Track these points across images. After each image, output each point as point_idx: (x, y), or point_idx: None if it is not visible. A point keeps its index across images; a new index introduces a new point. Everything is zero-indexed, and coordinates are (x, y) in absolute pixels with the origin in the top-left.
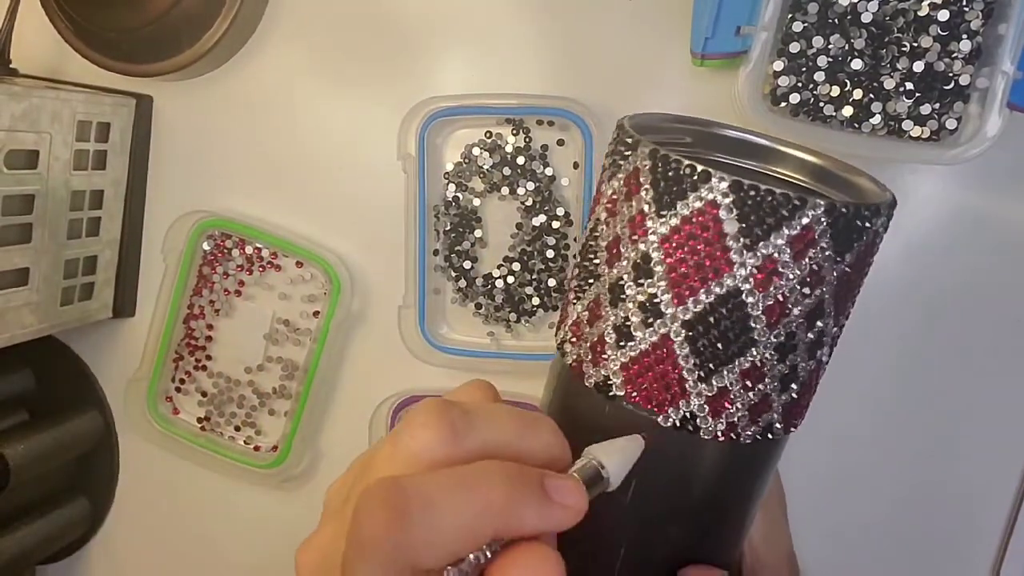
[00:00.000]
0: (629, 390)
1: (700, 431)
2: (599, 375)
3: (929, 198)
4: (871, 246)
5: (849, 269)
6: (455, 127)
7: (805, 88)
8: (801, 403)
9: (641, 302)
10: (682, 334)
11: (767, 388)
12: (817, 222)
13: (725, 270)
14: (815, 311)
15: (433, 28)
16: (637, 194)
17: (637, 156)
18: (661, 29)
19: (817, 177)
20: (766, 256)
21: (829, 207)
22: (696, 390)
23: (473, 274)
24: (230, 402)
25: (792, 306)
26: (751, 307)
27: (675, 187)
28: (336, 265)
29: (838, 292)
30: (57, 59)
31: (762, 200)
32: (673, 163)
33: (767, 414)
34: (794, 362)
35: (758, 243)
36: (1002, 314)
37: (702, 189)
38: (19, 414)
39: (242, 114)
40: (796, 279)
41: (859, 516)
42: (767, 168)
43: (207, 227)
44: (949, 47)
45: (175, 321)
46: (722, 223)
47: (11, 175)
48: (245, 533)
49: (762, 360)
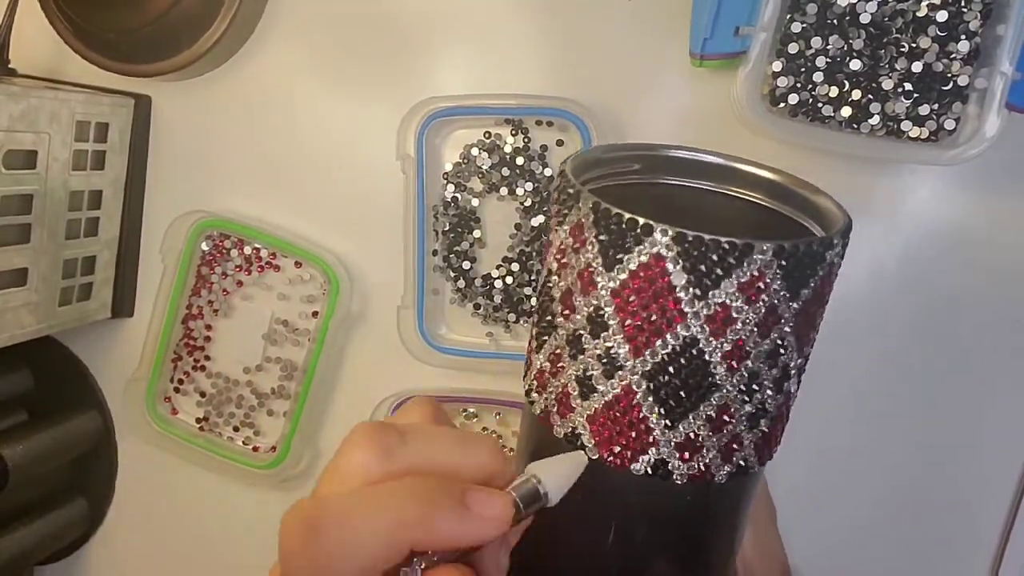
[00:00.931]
0: (597, 440)
1: (673, 476)
2: (567, 427)
3: (927, 199)
4: (828, 276)
5: (806, 303)
6: (454, 127)
7: (804, 88)
8: (773, 435)
9: (599, 355)
10: (643, 385)
11: (736, 428)
12: (766, 266)
13: (678, 320)
14: (776, 349)
15: (432, 28)
16: (584, 247)
17: (580, 209)
18: (660, 30)
19: (773, 195)
20: (718, 304)
21: (777, 250)
22: (664, 438)
23: (472, 274)
24: (229, 402)
25: (751, 348)
26: (709, 354)
27: (620, 241)
28: (335, 265)
29: (798, 327)
30: (56, 59)
31: (707, 250)
32: (615, 216)
33: (739, 452)
34: (761, 399)
35: (708, 292)
36: (1000, 315)
37: (645, 243)
38: (18, 414)
39: (241, 114)
40: (752, 322)
41: (853, 520)
42: (722, 188)
43: (206, 227)
44: (948, 48)
45: (174, 321)
46: (670, 276)
47: (10, 175)
48: (244, 533)
49: (727, 403)
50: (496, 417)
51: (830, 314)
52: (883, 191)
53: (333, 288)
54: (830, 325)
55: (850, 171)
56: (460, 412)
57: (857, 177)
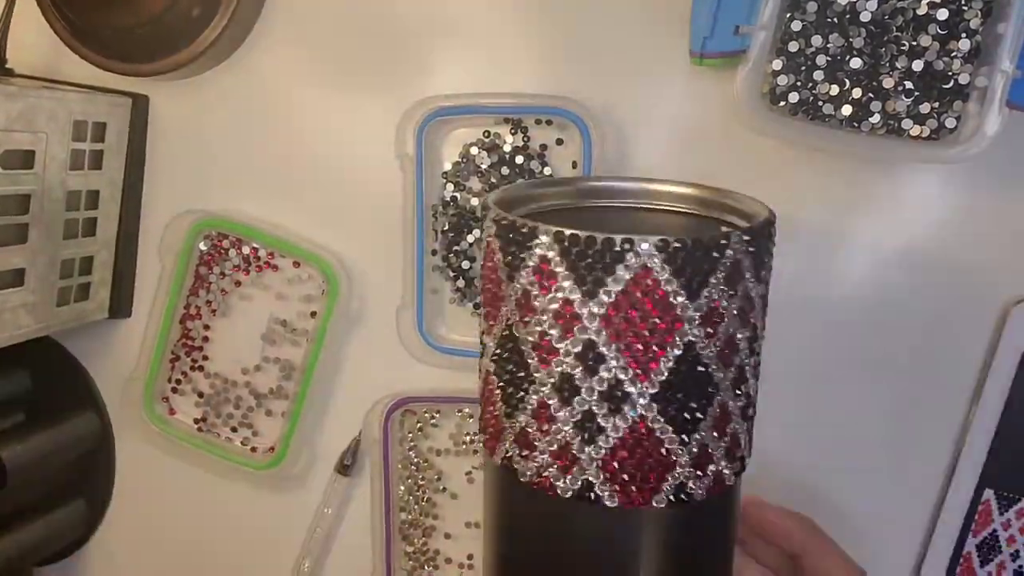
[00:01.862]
0: (613, 487)
1: (693, 496)
2: (575, 483)
3: (928, 197)
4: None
5: (764, 287)
6: (453, 126)
7: (804, 87)
8: (753, 424)
9: (602, 391)
10: (654, 408)
11: (734, 425)
12: (739, 252)
13: (678, 327)
14: (753, 336)
15: (432, 26)
16: (555, 283)
17: (541, 244)
18: (660, 28)
19: (702, 205)
20: (709, 302)
21: (741, 235)
22: (682, 459)
23: (471, 274)
24: (227, 403)
25: (738, 341)
26: (706, 357)
27: (599, 264)
28: (333, 265)
29: (763, 310)
30: (53, 58)
31: (689, 250)
32: (585, 241)
33: (738, 450)
34: (746, 390)
35: (699, 292)
36: (1003, 314)
37: (628, 257)
38: (15, 415)
39: (239, 113)
40: (735, 313)
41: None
42: (650, 203)
43: (204, 227)
44: (948, 46)
45: (171, 321)
46: (661, 283)
47: (7, 175)
48: (242, 534)
49: (725, 401)
50: None
51: (831, 312)
52: (883, 190)
53: (332, 288)
54: (831, 324)
55: (850, 170)
56: (456, 412)
57: (857, 176)
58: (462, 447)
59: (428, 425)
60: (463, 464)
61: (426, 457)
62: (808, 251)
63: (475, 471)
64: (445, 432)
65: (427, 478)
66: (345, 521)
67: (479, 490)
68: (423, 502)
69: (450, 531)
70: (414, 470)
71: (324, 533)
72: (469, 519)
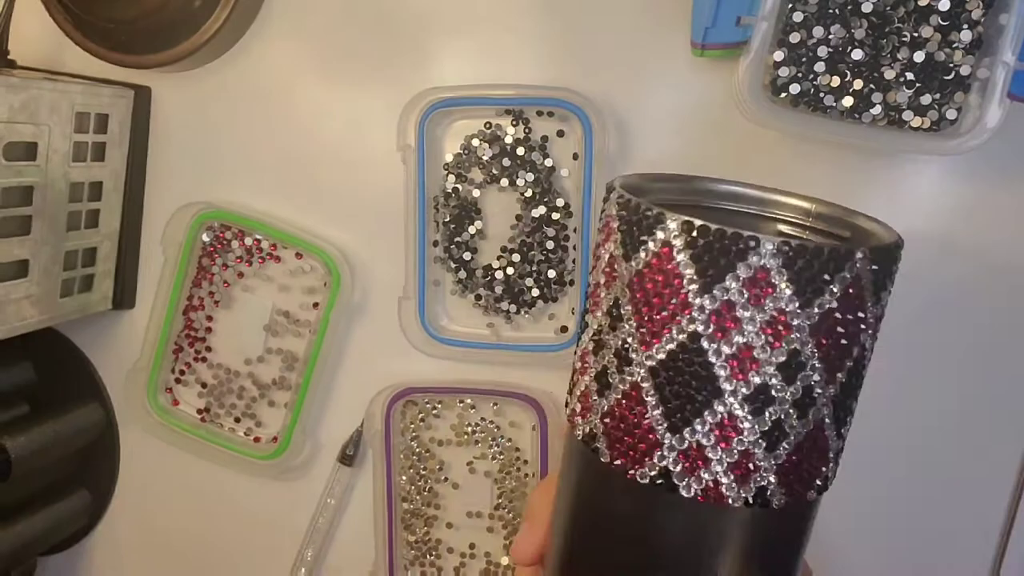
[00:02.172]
0: (609, 441)
1: (678, 488)
2: (586, 427)
3: (929, 188)
4: (854, 291)
5: (826, 317)
6: (454, 118)
7: (805, 78)
8: (805, 466)
9: (616, 349)
10: (649, 381)
11: (746, 446)
12: (771, 263)
13: (685, 312)
14: (790, 363)
15: (433, 18)
16: (608, 240)
17: (607, 208)
18: (661, 19)
19: (819, 220)
20: (723, 300)
21: (780, 246)
22: (668, 443)
23: (473, 265)
24: (230, 393)
25: (760, 356)
26: (712, 354)
27: (636, 230)
28: (336, 256)
29: (819, 343)
30: (55, 50)
31: (713, 239)
32: (633, 206)
33: (755, 475)
34: (775, 417)
35: (713, 286)
36: (1002, 307)
37: (657, 231)
38: (19, 406)
39: (241, 105)
40: (758, 325)
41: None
42: (766, 211)
43: (206, 218)
44: (950, 37)
45: (175, 312)
46: (677, 264)
47: (10, 167)
48: (245, 524)
49: (731, 413)
50: (493, 407)
51: None
52: (884, 181)
53: (334, 279)
54: None
55: (851, 161)
56: (459, 403)
57: (858, 167)
58: (464, 437)
59: (430, 416)
60: (464, 454)
61: (428, 447)
62: None
63: (476, 461)
64: (447, 422)
65: (429, 468)
66: (348, 511)
67: (480, 480)
68: (425, 492)
69: (452, 521)
70: (416, 460)
71: (327, 523)
72: (471, 509)
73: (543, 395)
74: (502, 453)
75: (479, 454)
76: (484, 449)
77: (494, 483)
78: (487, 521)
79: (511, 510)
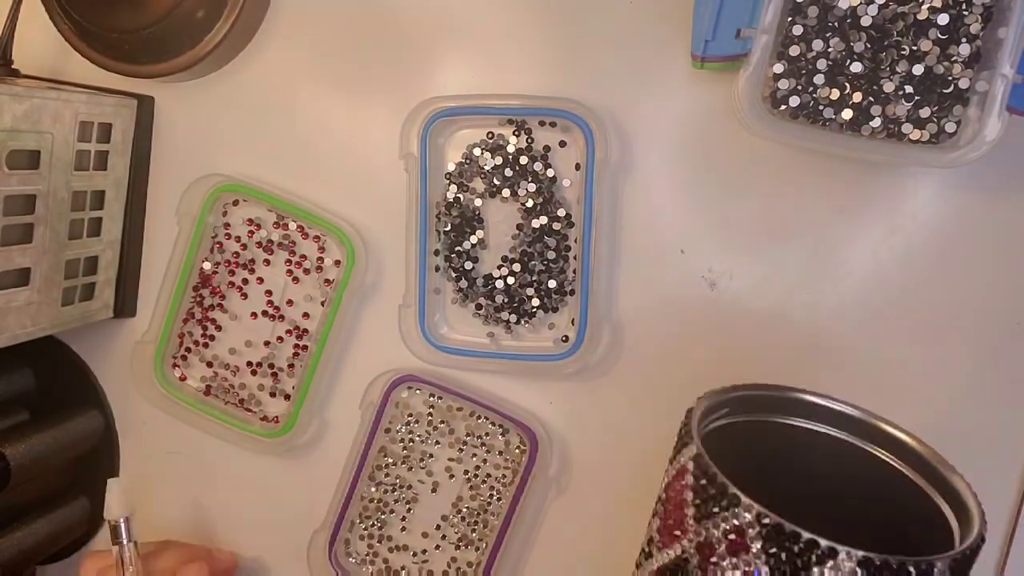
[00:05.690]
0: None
1: None
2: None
3: (928, 201)
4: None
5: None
6: (457, 127)
7: (805, 91)
8: None
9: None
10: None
11: None
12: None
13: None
14: None
15: (435, 28)
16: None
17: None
18: (662, 31)
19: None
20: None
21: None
22: None
23: (474, 274)
24: (238, 370)
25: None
26: None
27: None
28: (351, 235)
29: None
30: (59, 60)
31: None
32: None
33: None
34: None
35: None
36: (1002, 317)
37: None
38: (20, 414)
39: (244, 115)
40: None
41: None
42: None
43: (222, 191)
44: (948, 50)
45: (185, 288)
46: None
47: (13, 175)
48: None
49: None
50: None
51: (830, 313)
52: (883, 194)
53: (348, 258)
54: (827, 325)
55: (850, 173)
56: (457, 409)
57: (857, 179)
58: (452, 438)
59: (427, 407)
60: (450, 453)
61: (415, 433)
62: (808, 255)
63: (452, 463)
64: (441, 417)
65: (410, 452)
66: None
67: (453, 484)
68: (394, 476)
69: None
70: (400, 443)
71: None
72: (433, 507)
73: (538, 425)
74: (480, 467)
75: (459, 457)
76: (468, 455)
77: (462, 487)
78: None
79: (458, 529)
